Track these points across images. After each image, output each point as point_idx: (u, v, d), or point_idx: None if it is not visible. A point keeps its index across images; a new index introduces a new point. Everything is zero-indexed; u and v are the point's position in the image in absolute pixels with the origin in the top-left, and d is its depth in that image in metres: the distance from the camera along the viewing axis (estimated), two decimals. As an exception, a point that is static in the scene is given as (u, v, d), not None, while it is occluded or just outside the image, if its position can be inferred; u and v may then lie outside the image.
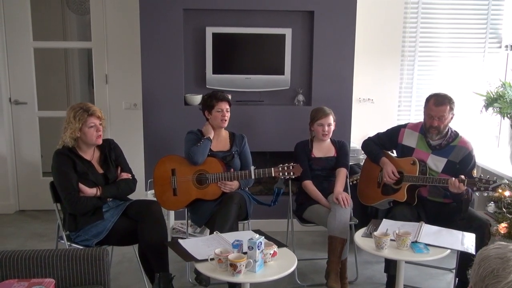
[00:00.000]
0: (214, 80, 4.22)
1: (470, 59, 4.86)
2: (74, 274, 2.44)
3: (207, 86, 4.21)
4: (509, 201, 3.14)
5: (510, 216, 3.07)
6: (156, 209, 3.06)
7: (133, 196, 3.26)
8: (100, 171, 3.09)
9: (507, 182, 3.28)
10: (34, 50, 4.80)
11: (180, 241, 2.73)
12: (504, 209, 3.13)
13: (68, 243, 3.00)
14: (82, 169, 2.99)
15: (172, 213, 4.24)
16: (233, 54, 4.33)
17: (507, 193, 3.14)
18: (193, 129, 3.50)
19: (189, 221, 3.61)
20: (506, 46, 4.80)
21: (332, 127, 3.54)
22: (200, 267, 2.44)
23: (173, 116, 4.21)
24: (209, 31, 4.16)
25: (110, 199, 3.10)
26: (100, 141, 3.07)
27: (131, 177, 3.21)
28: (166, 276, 2.96)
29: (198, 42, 4.25)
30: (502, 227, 3.06)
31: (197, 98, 4.24)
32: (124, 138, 4.25)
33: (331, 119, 3.51)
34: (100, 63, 4.71)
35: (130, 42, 4.56)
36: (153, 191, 3.66)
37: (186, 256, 2.56)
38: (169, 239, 4.03)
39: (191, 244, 2.67)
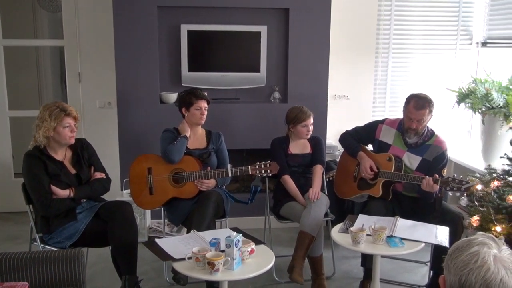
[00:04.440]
0: (190, 78, 4.20)
1: (442, 56, 4.94)
2: (49, 276, 2.40)
3: (182, 84, 4.18)
4: (481, 194, 3.21)
5: (482, 209, 3.13)
6: (126, 210, 3.02)
7: (108, 196, 3.22)
8: (73, 171, 3.04)
9: (479, 176, 3.34)
10: (4, 48, 4.68)
11: (157, 240, 2.71)
12: (476, 203, 3.19)
13: (42, 245, 2.95)
14: (54, 170, 2.94)
15: (148, 212, 4.21)
16: (208, 52, 4.31)
17: (479, 187, 3.21)
18: (169, 127, 3.48)
19: (166, 220, 3.59)
20: (477, 43, 4.90)
21: (312, 126, 3.57)
22: (178, 266, 2.43)
23: (148, 115, 4.17)
24: (184, 28, 4.13)
25: (84, 200, 3.06)
26: (72, 141, 3.03)
27: (105, 177, 3.17)
28: (132, 279, 2.95)
29: (173, 39, 4.21)
30: (475, 220, 3.12)
31: (172, 96, 4.21)
32: (98, 137, 4.20)
33: (312, 119, 3.55)
34: (72, 61, 4.63)
35: (103, 40, 4.49)
36: (128, 190, 3.62)
37: (163, 255, 2.54)
38: (146, 239, 4.01)
39: (168, 243, 2.66)
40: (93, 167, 3.15)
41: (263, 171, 3.25)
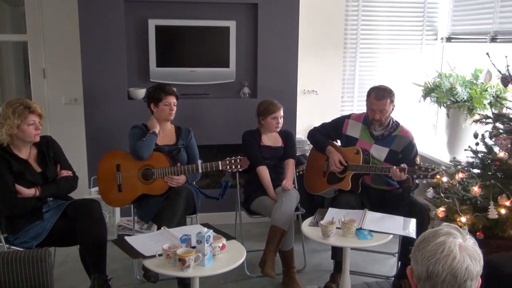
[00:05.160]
0: (158, 73, 4.15)
1: (408, 51, 5.04)
2: (15, 277, 2.34)
3: (151, 80, 4.13)
4: (446, 186, 3.29)
5: (447, 200, 3.21)
6: (94, 208, 2.97)
7: (75, 194, 3.17)
8: (38, 169, 2.97)
9: (444, 168, 3.43)
10: (-36, 43, 4.53)
11: (127, 238, 2.67)
12: (442, 194, 3.27)
13: (7, 245, 2.87)
14: (18, 169, 2.86)
15: (117, 210, 4.15)
16: (177, 47, 4.27)
17: (444, 179, 3.28)
18: (137, 123, 3.43)
19: (136, 217, 3.55)
20: (442, 38, 5.01)
21: (282, 119, 3.58)
22: (148, 263, 2.40)
23: (116, 111, 4.11)
24: (152, 23, 4.07)
25: (51, 199, 2.99)
26: (37, 139, 2.95)
27: (71, 175, 3.10)
28: (102, 278, 2.91)
29: (140, 34, 4.15)
30: (440, 211, 3.20)
31: (141, 92, 4.16)
32: (64, 134, 4.10)
33: (282, 111, 3.56)
34: (36, 56, 4.50)
35: (68, 35, 4.38)
36: (97, 188, 3.57)
37: (133, 253, 2.51)
38: (115, 237, 3.96)
39: (138, 241, 2.63)
40: (59, 165, 3.08)
41: (233, 166, 3.25)
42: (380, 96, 3.30)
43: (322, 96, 4.90)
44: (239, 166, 3.25)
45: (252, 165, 3.46)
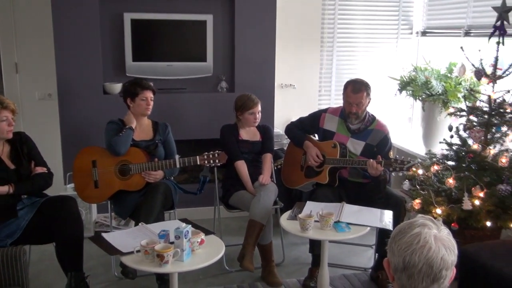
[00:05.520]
0: (134, 68, 4.10)
1: (384, 45, 5.09)
2: (-11, 276, 2.30)
3: (127, 74, 4.08)
4: (422, 178, 3.34)
5: (423, 192, 3.26)
6: (70, 204, 2.93)
7: (51, 191, 3.11)
8: (12, 166, 2.91)
9: (420, 161, 3.48)
10: None
11: (104, 234, 2.64)
12: (417, 186, 3.32)
13: (-19, 244, 2.81)
14: (-9, 166, 2.80)
15: (94, 206, 4.10)
16: (153, 41, 4.22)
17: (420, 171, 3.33)
18: (113, 118, 3.39)
19: (113, 213, 3.52)
20: (417, 33, 5.07)
21: (260, 113, 3.58)
22: (126, 260, 2.38)
23: (91, 106, 4.05)
24: (127, 17, 4.02)
25: (25, 196, 2.94)
26: (10, 135, 2.89)
27: (46, 171, 3.05)
28: (79, 276, 2.88)
29: (116, 28, 4.09)
30: (416, 203, 3.25)
31: (117, 87, 4.10)
32: (39, 130, 4.03)
33: (259, 106, 3.56)
34: (8, 50, 4.40)
35: (42, 28, 4.29)
36: (72, 184, 3.52)
37: (111, 249, 2.49)
38: (92, 234, 3.91)
39: (115, 237, 2.60)
40: (34, 161, 3.03)
41: (211, 161, 3.24)
42: (356, 89, 3.33)
43: (299, 90, 4.91)
44: (217, 161, 3.24)
45: (230, 160, 3.46)
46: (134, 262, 2.35)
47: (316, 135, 3.66)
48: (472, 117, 3.28)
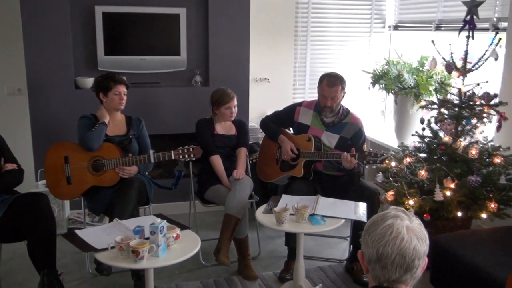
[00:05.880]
0: (107, 62, 4.04)
1: (357, 39, 5.13)
2: (-42, 276, 2.24)
3: (99, 68, 4.01)
4: (395, 170, 3.39)
5: (396, 184, 3.31)
6: (42, 201, 2.88)
7: (22, 188, 3.05)
8: (-19, 163, 2.84)
9: (393, 153, 3.53)
10: None
11: (77, 231, 2.60)
12: (390, 178, 3.37)
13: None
14: (-40, 163, 2.73)
15: (67, 203, 4.03)
16: (125, 35, 4.17)
17: (393, 164, 3.38)
18: (86, 113, 3.34)
19: (86, 210, 3.47)
20: (389, 27, 5.13)
21: (236, 108, 3.57)
22: (100, 256, 2.35)
23: (63, 101, 3.97)
24: (99, 10, 3.95)
25: (-5, 193, 2.88)
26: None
27: (17, 168, 2.99)
28: (52, 273, 2.84)
29: (87, 21, 4.02)
30: (390, 195, 3.30)
31: (89, 81, 4.03)
32: (7, 126, 3.94)
33: (235, 101, 3.55)
34: (-25, 44, 4.28)
35: (10, 21, 4.17)
36: (44, 181, 3.45)
37: (84, 246, 2.45)
38: (65, 231, 3.85)
39: (89, 234, 2.57)
40: (3, 158, 2.96)
41: (186, 156, 3.22)
42: (332, 83, 3.35)
43: (274, 84, 4.92)
44: (192, 155, 3.23)
45: (206, 154, 3.44)
46: (109, 258, 2.33)
47: (291, 128, 3.67)
48: (443, 110, 3.34)
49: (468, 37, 3.23)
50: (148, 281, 2.46)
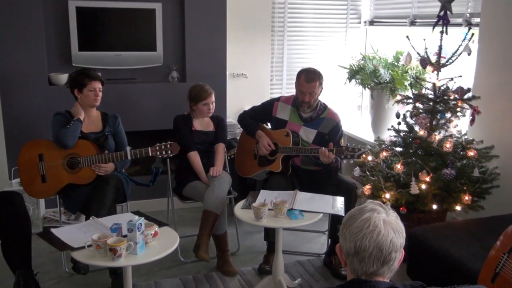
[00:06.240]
0: (81, 58, 3.97)
1: (334, 35, 5.16)
2: None
3: (73, 64, 3.94)
4: (372, 165, 3.43)
5: (373, 178, 3.35)
6: (16, 200, 2.83)
7: (-5, 187, 2.99)
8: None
9: (370, 147, 3.56)
10: None
11: (53, 230, 2.56)
12: (367, 173, 3.41)
13: None
14: None
15: (42, 201, 3.97)
16: (100, 30, 4.11)
17: (370, 158, 3.41)
18: (60, 110, 3.28)
19: (62, 208, 3.42)
20: (365, 22, 5.17)
21: (214, 104, 3.56)
22: (77, 255, 2.32)
23: (36, 98, 3.90)
24: (72, 5, 3.88)
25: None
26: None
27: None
28: (27, 273, 2.79)
29: (60, 16, 3.94)
30: (367, 188, 3.33)
31: (63, 77, 3.97)
32: (-21, 124, 3.85)
33: (213, 97, 3.53)
34: None
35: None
36: (18, 179, 3.39)
37: (61, 245, 2.42)
38: (41, 230, 3.79)
39: (65, 232, 2.53)
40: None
41: (163, 152, 3.20)
42: (309, 78, 3.36)
43: (251, 79, 4.92)
44: (169, 152, 3.21)
45: (184, 151, 3.43)
46: (86, 257, 2.30)
47: (269, 124, 3.68)
48: (418, 104, 3.38)
49: (442, 32, 3.27)
50: (126, 279, 2.44)
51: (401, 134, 3.43)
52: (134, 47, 4.15)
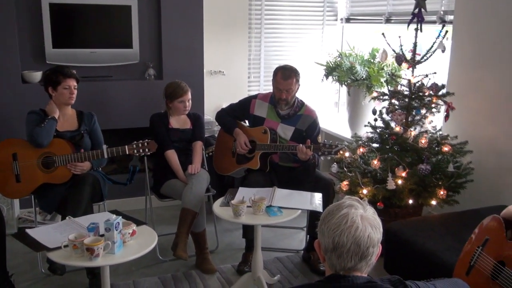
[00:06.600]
0: (55, 55, 3.90)
1: (311, 32, 5.18)
2: None
3: (47, 62, 3.87)
4: (349, 161, 3.46)
5: (350, 174, 3.38)
6: None
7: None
8: None
9: (347, 144, 3.59)
10: None
11: (28, 230, 2.52)
12: (345, 169, 3.44)
13: None
14: None
15: (16, 201, 3.90)
16: (74, 27, 4.04)
17: (347, 154, 3.45)
18: (34, 108, 3.22)
19: (37, 208, 3.36)
20: (341, 19, 5.21)
21: (190, 101, 3.54)
22: (53, 255, 2.29)
23: (9, 96, 3.81)
24: (45, 1, 3.80)
25: None
26: None
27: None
28: (2, 275, 2.76)
29: (33, 13, 3.86)
30: (344, 184, 3.36)
31: (37, 75, 3.89)
32: (-50, 122, 3.75)
33: (189, 94, 3.51)
34: None
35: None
36: (-9, 179, 3.31)
37: (36, 246, 2.38)
38: (16, 230, 3.73)
39: (41, 233, 2.49)
40: None
41: (141, 150, 3.17)
42: (286, 76, 3.37)
43: (229, 76, 4.91)
44: (146, 150, 3.18)
45: (161, 149, 3.40)
46: (62, 257, 2.27)
47: (247, 121, 3.68)
48: (394, 101, 3.42)
49: (416, 29, 3.32)
50: (104, 279, 2.42)
51: (378, 131, 3.47)
52: (109, 44, 4.09)
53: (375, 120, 3.49)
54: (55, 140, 3.13)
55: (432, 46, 3.27)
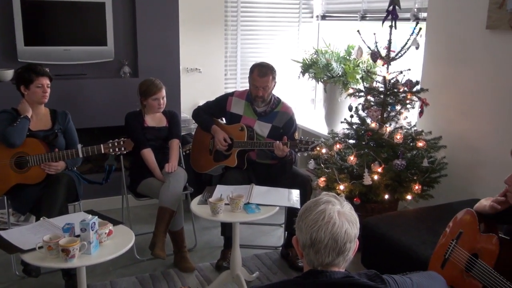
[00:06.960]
0: (27, 53, 3.82)
1: (287, 29, 5.20)
2: None
3: (19, 60, 3.79)
4: (326, 157, 3.49)
5: (327, 170, 3.41)
6: None
7: None
8: None
9: (323, 140, 3.62)
10: None
11: (1, 232, 2.46)
12: (322, 165, 3.46)
13: None
14: None
15: (-11, 203, 3.81)
16: (47, 24, 3.96)
17: (324, 151, 3.47)
18: (6, 108, 3.15)
19: (11, 209, 3.29)
20: (317, 17, 5.24)
21: (165, 99, 3.51)
22: (27, 257, 2.24)
23: (-20, 95, 3.73)
24: (16, -3, 3.73)
25: None
26: None
27: None
28: None
29: (4, 10, 3.77)
30: (321, 181, 3.39)
31: (8, 74, 3.81)
32: None
33: (164, 92, 3.48)
34: None
35: None
36: (-38, 181, 3.23)
37: (10, 248, 2.33)
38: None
39: (14, 234, 2.44)
40: None
41: (116, 149, 3.13)
42: (263, 73, 3.37)
43: (205, 74, 4.89)
44: (122, 149, 3.14)
45: (137, 147, 3.37)
46: (37, 259, 2.23)
47: (223, 118, 3.67)
48: (369, 97, 3.46)
49: (391, 27, 3.36)
50: (80, 280, 2.38)
51: (354, 127, 3.50)
52: (83, 42, 4.03)
53: (351, 116, 3.52)
54: (28, 139, 3.07)
55: (406, 43, 3.32)
